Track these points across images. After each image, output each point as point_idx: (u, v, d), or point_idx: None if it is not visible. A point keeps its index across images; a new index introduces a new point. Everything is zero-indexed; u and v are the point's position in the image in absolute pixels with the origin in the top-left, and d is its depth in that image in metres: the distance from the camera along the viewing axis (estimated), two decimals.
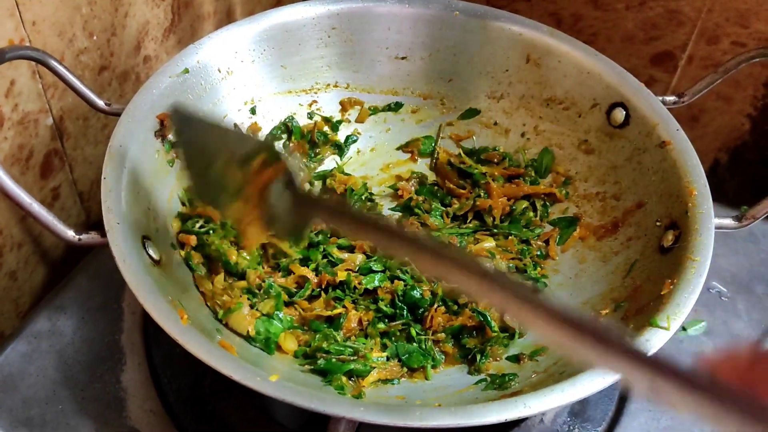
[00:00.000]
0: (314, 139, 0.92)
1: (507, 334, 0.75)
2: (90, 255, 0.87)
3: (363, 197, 0.89)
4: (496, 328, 0.75)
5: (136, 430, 0.72)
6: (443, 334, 0.75)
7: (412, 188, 0.92)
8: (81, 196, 0.92)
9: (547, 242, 0.85)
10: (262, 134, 0.90)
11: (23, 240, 0.83)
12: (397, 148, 0.96)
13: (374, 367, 0.71)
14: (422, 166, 0.95)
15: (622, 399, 0.78)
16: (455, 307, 0.77)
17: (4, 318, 0.84)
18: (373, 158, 0.95)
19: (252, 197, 0.66)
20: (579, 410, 0.76)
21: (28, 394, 0.73)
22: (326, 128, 0.93)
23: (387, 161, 0.95)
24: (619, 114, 0.82)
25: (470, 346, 0.75)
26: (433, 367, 0.74)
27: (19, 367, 0.75)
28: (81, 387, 0.74)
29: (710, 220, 0.69)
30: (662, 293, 0.65)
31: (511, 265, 0.82)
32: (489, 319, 0.75)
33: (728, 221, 0.72)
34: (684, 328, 0.84)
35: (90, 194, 0.94)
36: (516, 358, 0.73)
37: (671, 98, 0.83)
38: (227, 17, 1.09)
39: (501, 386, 0.69)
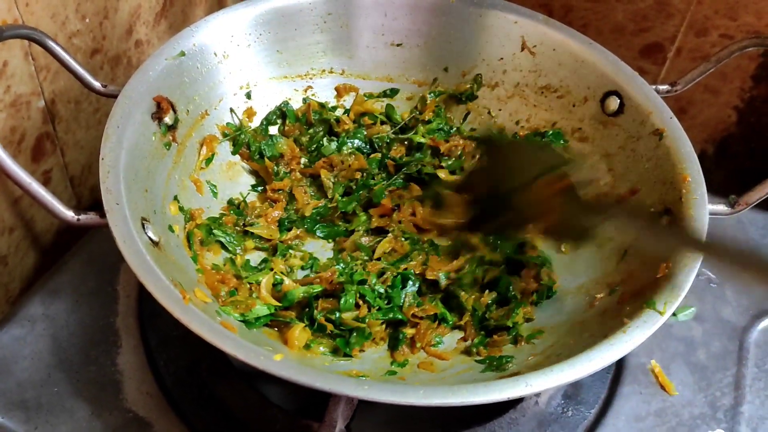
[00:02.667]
0: (310, 121, 0.92)
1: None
2: (83, 239, 0.86)
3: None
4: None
5: (133, 412, 0.71)
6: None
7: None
8: (72, 180, 0.92)
9: None
10: (257, 119, 0.90)
11: (15, 224, 0.82)
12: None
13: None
14: None
15: (614, 382, 0.79)
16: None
17: None
18: None
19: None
20: (572, 393, 0.77)
21: (22, 377, 0.73)
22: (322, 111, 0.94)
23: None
24: (613, 102, 0.83)
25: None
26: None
27: (13, 351, 0.75)
28: (76, 370, 0.74)
29: (704, 206, 0.70)
30: (658, 276, 0.66)
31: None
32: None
33: (721, 207, 0.73)
34: (674, 314, 0.85)
35: (81, 179, 0.93)
36: (514, 341, 0.74)
37: (664, 87, 0.84)
38: (218, 3, 1.09)
39: (498, 368, 0.70)
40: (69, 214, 0.64)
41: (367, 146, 0.92)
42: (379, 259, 0.82)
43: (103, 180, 0.65)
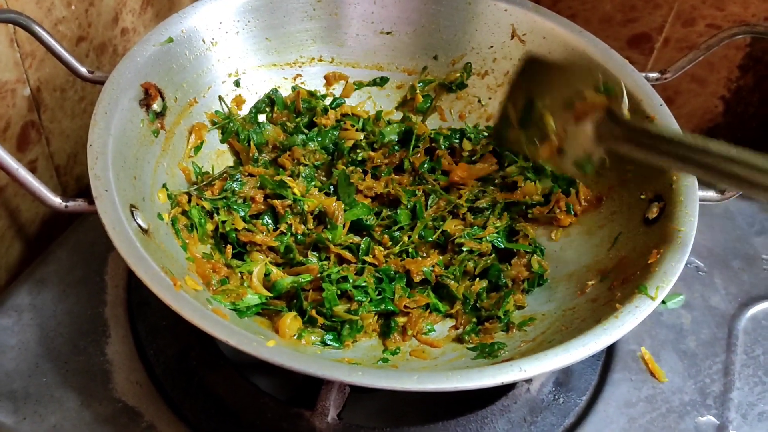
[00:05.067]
0: (299, 108, 0.91)
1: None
2: (69, 229, 0.85)
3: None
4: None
5: (123, 401, 0.71)
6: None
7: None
8: (57, 170, 0.91)
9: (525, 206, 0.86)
10: (246, 107, 0.90)
11: None
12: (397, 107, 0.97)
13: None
14: None
15: (605, 369, 0.79)
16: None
17: None
18: None
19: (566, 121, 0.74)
20: (563, 380, 0.77)
21: (9, 367, 0.72)
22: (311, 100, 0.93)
23: None
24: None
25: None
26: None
27: (1, 341, 0.74)
28: (64, 359, 0.73)
29: (695, 192, 0.71)
30: (649, 262, 0.66)
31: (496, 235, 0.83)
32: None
33: (711, 194, 0.73)
34: (663, 302, 0.85)
35: (67, 168, 0.92)
36: (505, 328, 0.74)
37: (654, 75, 0.84)
38: None
39: (490, 355, 0.70)
40: (57, 200, 0.63)
41: (332, 146, 0.91)
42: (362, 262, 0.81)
43: (91, 166, 0.65)
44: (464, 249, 0.81)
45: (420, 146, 0.91)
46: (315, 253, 0.79)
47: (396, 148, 0.91)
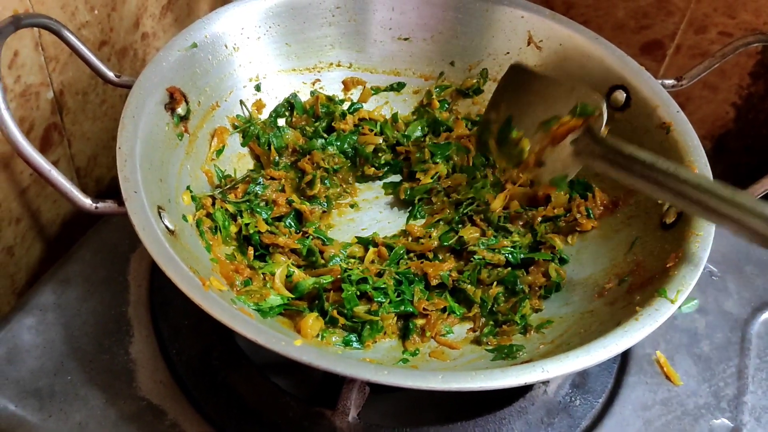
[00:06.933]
0: (318, 113, 0.92)
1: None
2: (92, 230, 0.86)
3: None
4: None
5: (147, 400, 0.72)
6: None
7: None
8: (78, 171, 0.92)
9: (554, 219, 0.86)
10: (266, 111, 0.91)
11: (21, 215, 0.82)
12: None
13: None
14: None
15: (620, 372, 0.80)
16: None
17: (1, 294, 0.83)
18: None
19: (543, 144, 0.79)
20: (580, 382, 0.78)
21: (35, 365, 0.73)
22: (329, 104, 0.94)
23: None
24: (620, 96, 0.84)
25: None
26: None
27: (26, 340, 0.75)
28: (89, 359, 0.74)
29: None
30: (668, 266, 0.67)
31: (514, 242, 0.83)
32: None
33: None
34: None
35: (87, 170, 0.93)
36: (523, 330, 0.75)
37: (670, 81, 0.85)
38: None
39: (509, 356, 0.71)
40: (87, 201, 0.64)
41: (352, 151, 0.92)
42: (373, 261, 0.82)
43: (120, 168, 0.66)
44: (476, 258, 0.82)
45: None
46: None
47: (424, 139, 0.93)
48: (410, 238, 0.85)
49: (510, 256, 0.82)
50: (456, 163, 0.91)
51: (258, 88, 0.89)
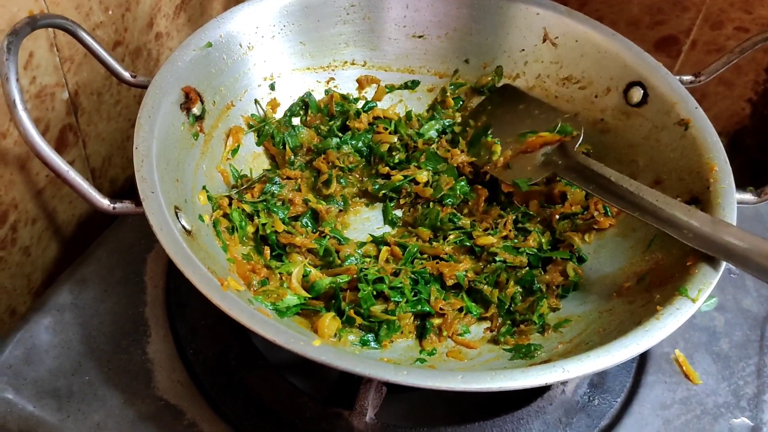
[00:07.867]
0: (332, 112, 0.92)
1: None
2: (108, 230, 0.86)
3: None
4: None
5: (165, 400, 0.72)
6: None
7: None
8: (93, 172, 0.92)
9: (572, 217, 0.85)
10: (281, 110, 0.91)
11: (37, 215, 0.82)
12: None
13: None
14: None
15: (639, 372, 0.80)
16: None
17: (17, 294, 0.84)
18: None
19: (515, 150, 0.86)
20: (598, 382, 0.77)
21: (53, 365, 0.73)
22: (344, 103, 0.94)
23: None
24: (637, 93, 0.84)
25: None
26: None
27: (44, 340, 0.75)
28: (107, 358, 0.74)
29: (732, 194, 0.71)
30: (688, 264, 0.67)
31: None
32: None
33: (748, 196, 0.74)
34: None
35: (101, 171, 0.93)
36: (541, 329, 0.74)
37: (688, 77, 0.84)
38: None
39: (527, 355, 0.70)
40: (105, 202, 0.64)
41: (367, 150, 0.92)
42: (387, 261, 0.82)
43: (137, 168, 0.66)
44: (497, 259, 0.81)
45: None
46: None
47: (437, 140, 0.93)
48: (421, 240, 0.84)
49: (532, 257, 0.82)
50: (440, 185, 0.89)
51: (272, 87, 0.89)
